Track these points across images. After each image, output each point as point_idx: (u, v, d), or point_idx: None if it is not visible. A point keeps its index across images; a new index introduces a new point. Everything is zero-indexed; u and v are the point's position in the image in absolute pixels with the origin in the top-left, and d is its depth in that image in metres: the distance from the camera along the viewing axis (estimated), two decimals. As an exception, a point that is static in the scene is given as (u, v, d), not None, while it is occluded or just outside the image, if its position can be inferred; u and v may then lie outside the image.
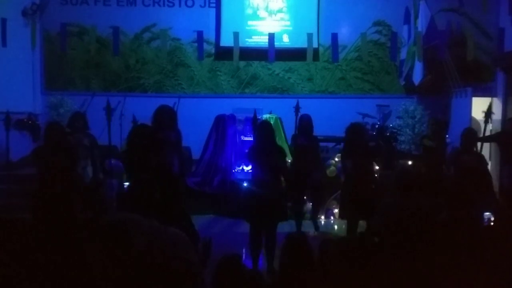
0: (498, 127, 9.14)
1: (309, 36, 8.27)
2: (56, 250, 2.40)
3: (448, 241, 3.03)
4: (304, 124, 6.76)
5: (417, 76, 9.43)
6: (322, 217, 7.78)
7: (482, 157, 6.60)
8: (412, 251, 2.99)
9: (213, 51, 10.33)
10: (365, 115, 9.43)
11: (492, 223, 5.46)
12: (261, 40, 9.91)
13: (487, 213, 5.97)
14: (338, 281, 2.61)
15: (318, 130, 7.16)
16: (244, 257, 5.77)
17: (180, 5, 10.39)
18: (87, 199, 5.21)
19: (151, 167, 4.76)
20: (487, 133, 7.89)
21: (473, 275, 2.84)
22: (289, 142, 8.89)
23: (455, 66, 9.00)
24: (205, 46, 9.67)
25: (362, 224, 5.91)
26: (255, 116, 7.13)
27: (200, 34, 8.43)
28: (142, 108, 9.45)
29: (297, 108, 7.02)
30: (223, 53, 9.97)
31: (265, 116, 8.90)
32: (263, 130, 5.48)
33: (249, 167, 8.38)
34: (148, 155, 4.87)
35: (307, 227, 7.04)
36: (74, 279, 2.30)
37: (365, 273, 2.57)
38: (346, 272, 2.62)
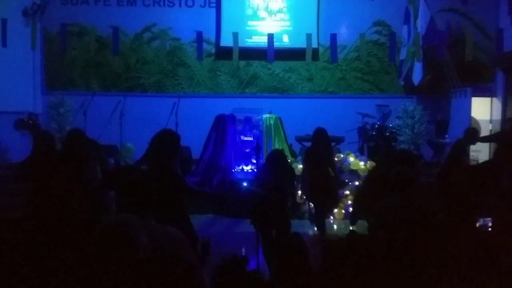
0: (498, 127, 9.16)
1: (308, 36, 8.30)
2: (57, 251, 2.42)
3: (445, 242, 3.05)
4: (317, 136, 6.78)
5: (417, 76, 9.45)
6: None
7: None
8: (408, 251, 3.00)
9: (213, 51, 10.35)
10: (364, 115, 9.45)
11: (490, 229, 5.46)
12: (261, 40, 9.92)
13: (487, 219, 5.97)
14: (337, 280, 2.62)
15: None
16: (245, 256, 5.77)
17: (180, 5, 10.40)
18: (89, 200, 5.22)
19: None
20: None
21: (468, 277, 2.85)
22: (289, 143, 8.95)
23: (455, 66, 9.02)
24: (205, 46, 9.70)
25: (363, 223, 5.92)
26: (257, 145, 7.09)
27: (199, 34, 8.46)
28: (142, 108, 9.55)
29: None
30: (223, 53, 9.99)
31: (265, 116, 8.92)
32: (275, 161, 5.46)
33: (249, 167, 8.46)
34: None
35: (308, 227, 7.06)
36: (76, 280, 2.32)
37: (361, 273, 2.59)
38: (345, 271, 2.63)
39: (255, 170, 7.82)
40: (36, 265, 2.34)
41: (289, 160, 6.96)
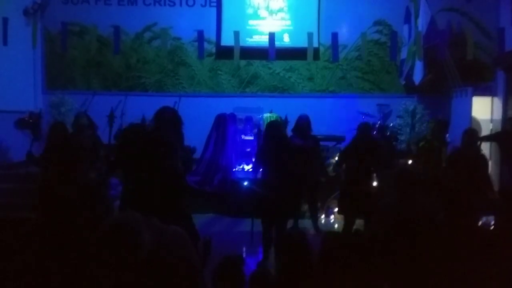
0: (498, 127, 9.15)
1: (310, 35, 8.27)
2: (60, 250, 2.42)
3: (445, 241, 3.05)
4: (300, 124, 6.76)
5: (418, 76, 9.44)
6: (322, 216, 7.79)
7: (484, 157, 6.60)
8: (410, 251, 3.01)
9: (213, 50, 10.35)
10: (365, 114, 9.45)
11: (492, 227, 5.47)
12: (261, 40, 9.92)
13: (489, 217, 5.97)
14: (337, 276, 2.63)
15: (319, 130, 7.18)
16: (244, 256, 5.80)
17: (181, 5, 10.41)
18: (90, 199, 5.23)
19: (151, 167, 4.78)
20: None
21: (469, 276, 2.86)
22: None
23: (456, 65, 9.01)
24: (206, 45, 9.69)
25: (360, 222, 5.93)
26: (259, 129, 7.09)
27: (200, 33, 8.44)
28: (143, 107, 9.52)
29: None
30: (224, 52, 9.99)
31: (266, 115, 8.92)
32: (274, 129, 5.55)
33: (250, 166, 8.46)
34: (147, 156, 4.88)
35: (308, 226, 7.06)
36: (79, 279, 2.32)
37: (363, 269, 2.59)
38: (346, 266, 2.64)
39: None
40: (43, 265, 2.34)
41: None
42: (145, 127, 5.36)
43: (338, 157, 6.18)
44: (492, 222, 5.72)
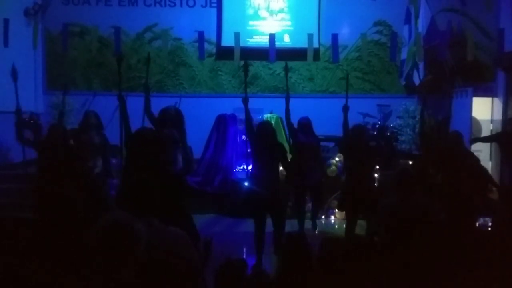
0: (499, 127, 9.15)
1: (310, 36, 8.27)
2: (59, 249, 2.42)
3: (446, 241, 3.05)
4: (303, 124, 6.79)
5: (418, 76, 9.43)
6: (323, 216, 7.80)
7: (473, 156, 6.59)
8: (410, 251, 3.01)
9: (214, 51, 10.36)
10: (365, 115, 9.46)
11: (490, 228, 5.47)
12: (262, 40, 9.93)
13: (486, 218, 5.97)
14: (337, 279, 2.63)
15: (319, 130, 7.18)
16: (245, 257, 5.80)
17: (181, 5, 10.42)
18: (90, 198, 5.25)
19: (153, 165, 4.79)
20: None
21: (470, 276, 2.86)
22: (290, 140, 8.96)
23: (456, 66, 9.01)
24: (206, 46, 9.68)
25: (362, 223, 5.94)
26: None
27: (201, 34, 8.44)
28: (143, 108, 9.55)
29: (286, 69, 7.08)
30: (224, 53, 10.00)
31: (266, 116, 8.92)
32: (265, 130, 5.58)
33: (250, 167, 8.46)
34: (149, 153, 4.90)
35: (307, 226, 7.05)
36: (79, 280, 2.32)
37: (363, 272, 2.60)
38: (345, 270, 2.64)
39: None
40: (42, 265, 2.34)
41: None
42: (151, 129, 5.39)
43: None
44: (490, 224, 5.72)
